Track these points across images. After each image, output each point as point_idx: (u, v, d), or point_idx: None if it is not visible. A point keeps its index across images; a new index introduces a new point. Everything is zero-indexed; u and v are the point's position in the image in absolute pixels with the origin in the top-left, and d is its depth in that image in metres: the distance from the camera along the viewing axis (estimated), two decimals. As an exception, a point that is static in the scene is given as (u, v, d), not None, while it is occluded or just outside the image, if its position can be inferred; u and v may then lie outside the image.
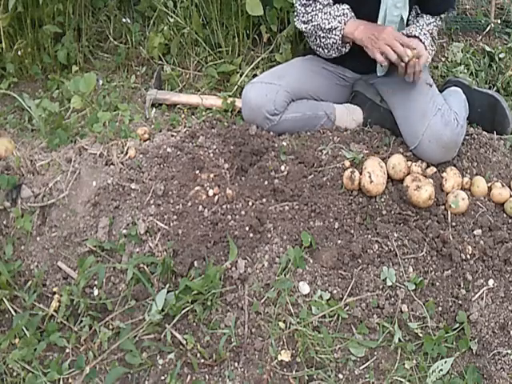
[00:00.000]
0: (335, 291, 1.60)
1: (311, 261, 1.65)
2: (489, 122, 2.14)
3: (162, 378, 1.47)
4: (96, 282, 1.60)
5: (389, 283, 1.62)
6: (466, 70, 2.42)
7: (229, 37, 2.34)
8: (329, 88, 2.10)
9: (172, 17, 2.27)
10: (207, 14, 2.31)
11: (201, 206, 1.73)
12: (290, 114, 1.98)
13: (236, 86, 2.23)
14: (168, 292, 1.54)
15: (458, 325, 1.60)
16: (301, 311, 1.56)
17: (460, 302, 1.64)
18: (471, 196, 1.84)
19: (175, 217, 1.70)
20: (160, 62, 2.34)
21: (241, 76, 2.28)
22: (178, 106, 2.19)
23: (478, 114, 2.13)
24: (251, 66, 2.29)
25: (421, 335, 1.57)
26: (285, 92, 1.95)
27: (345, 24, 1.88)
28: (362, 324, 1.57)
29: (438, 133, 1.83)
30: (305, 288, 1.60)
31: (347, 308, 1.58)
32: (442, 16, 2.07)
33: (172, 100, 2.19)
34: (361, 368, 1.52)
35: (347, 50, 1.96)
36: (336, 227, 1.72)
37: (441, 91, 2.08)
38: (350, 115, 2.06)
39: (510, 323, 1.65)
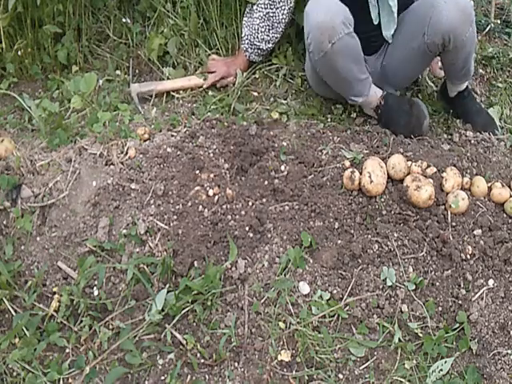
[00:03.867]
0: (335, 291, 1.60)
1: (311, 261, 1.65)
2: (477, 119, 2.17)
3: (162, 378, 1.47)
4: (96, 282, 1.60)
5: (389, 283, 1.62)
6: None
7: (228, 37, 2.34)
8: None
9: (171, 18, 2.27)
10: (207, 14, 2.31)
11: (201, 206, 1.73)
12: (356, 39, 1.88)
13: (235, 87, 2.23)
14: (168, 292, 1.54)
15: (458, 325, 1.60)
16: (301, 311, 1.56)
17: (460, 301, 1.64)
18: (471, 196, 1.84)
19: (175, 217, 1.70)
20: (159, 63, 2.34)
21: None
22: (178, 105, 2.19)
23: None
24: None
25: (421, 335, 1.57)
26: (350, 18, 1.84)
27: None
28: (362, 324, 1.57)
29: None
30: (305, 288, 1.60)
31: (347, 308, 1.58)
32: None
33: (158, 89, 2.19)
34: (361, 368, 1.52)
35: None
36: (336, 227, 1.72)
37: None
38: (376, 95, 2.04)
39: (510, 323, 1.65)
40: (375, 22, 1.99)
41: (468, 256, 1.70)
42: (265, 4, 2.15)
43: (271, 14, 2.15)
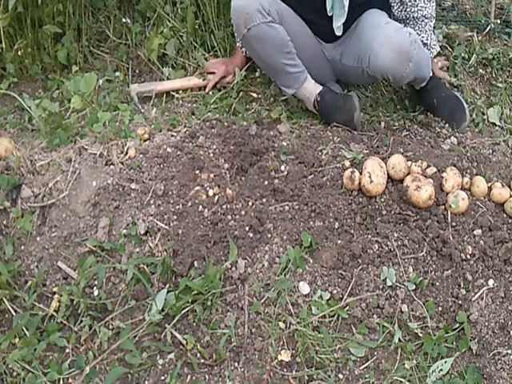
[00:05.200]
0: (335, 291, 1.60)
1: (311, 261, 1.65)
2: (447, 112, 2.16)
3: (162, 378, 1.47)
4: (96, 282, 1.60)
5: (389, 283, 1.62)
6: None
7: (226, 38, 2.34)
8: (309, 48, 2.10)
9: (169, 20, 2.27)
10: (205, 14, 2.31)
11: (201, 206, 1.73)
12: (280, 29, 1.93)
13: (233, 87, 2.23)
14: (168, 292, 1.54)
15: (458, 325, 1.60)
16: (301, 311, 1.56)
17: (460, 301, 1.64)
18: (471, 196, 1.84)
19: (175, 217, 1.70)
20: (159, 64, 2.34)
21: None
22: (178, 105, 2.19)
23: (441, 98, 2.18)
24: (248, 65, 2.29)
25: (421, 335, 1.57)
26: (277, 8, 1.93)
27: None
28: (362, 324, 1.57)
29: (389, 36, 1.84)
30: (305, 288, 1.60)
31: (347, 308, 1.58)
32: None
33: (157, 89, 2.19)
34: (361, 368, 1.52)
35: None
36: (336, 227, 1.72)
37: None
38: (314, 89, 2.06)
39: (510, 323, 1.65)
40: (329, 14, 1.97)
41: (468, 256, 1.70)
42: None
43: None
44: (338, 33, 2.00)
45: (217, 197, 1.76)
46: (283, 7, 2.00)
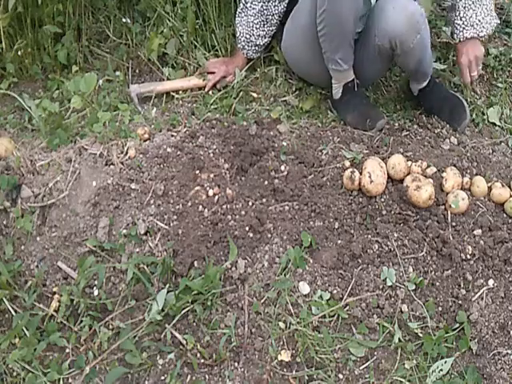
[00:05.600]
0: (335, 291, 1.60)
1: (311, 261, 1.65)
2: (447, 112, 2.15)
3: (162, 378, 1.47)
4: (96, 282, 1.60)
5: (389, 283, 1.62)
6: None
7: (227, 37, 2.34)
8: None
9: (169, 20, 2.27)
10: (205, 14, 2.31)
11: (201, 206, 1.73)
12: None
13: (234, 87, 2.23)
14: (168, 292, 1.54)
15: (458, 325, 1.60)
16: (301, 311, 1.56)
17: (460, 301, 1.64)
18: (471, 196, 1.84)
19: (175, 217, 1.70)
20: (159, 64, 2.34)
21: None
22: (178, 105, 2.19)
23: (440, 99, 2.16)
24: (249, 65, 2.29)
25: (421, 335, 1.57)
26: None
27: None
28: (362, 324, 1.57)
29: (402, 3, 1.86)
30: (305, 288, 1.60)
31: (347, 308, 1.58)
32: None
33: (157, 90, 2.19)
34: (361, 368, 1.52)
35: None
36: (336, 227, 1.72)
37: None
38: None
39: (510, 323, 1.65)
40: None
41: (468, 256, 1.70)
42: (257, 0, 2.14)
43: (265, 8, 2.15)
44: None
45: (217, 197, 1.76)
46: None
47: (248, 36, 2.19)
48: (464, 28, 2.08)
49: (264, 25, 2.18)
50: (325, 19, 1.90)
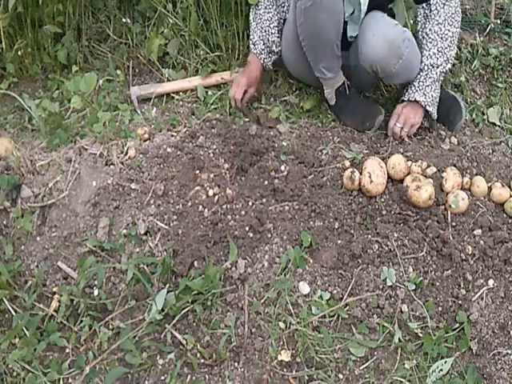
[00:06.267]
0: (335, 291, 1.60)
1: (311, 261, 1.65)
2: (444, 108, 2.09)
3: (162, 378, 1.47)
4: (96, 282, 1.60)
5: (389, 283, 1.62)
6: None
7: (228, 37, 2.33)
8: None
9: (171, 18, 2.27)
10: (207, 14, 2.31)
11: (201, 206, 1.73)
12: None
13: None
14: (168, 292, 1.54)
15: (458, 325, 1.60)
16: (301, 311, 1.56)
17: (460, 301, 1.64)
18: (471, 196, 1.84)
19: (175, 217, 1.70)
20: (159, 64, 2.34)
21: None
22: (178, 105, 2.19)
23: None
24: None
25: (421, 335, 1.57)
26: None
27: None
28: (362, 324, 1.57)
29: (383, 28, 1.85)
30: (305, 288, 1.60)
31: (347, 308, 1.58)
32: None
33: (157, 92, 2.19)
34: (361, 368, 1.52)
35: None
36: (336, 227, 1.72)
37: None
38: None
39: (510, 323, 1.65)
40: (346, 19, 1.94)
41: (468, 256, 1.70)
42: (271, 3, 2.11)
43: (277, 13, 2.13)
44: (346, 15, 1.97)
45: (217, 197, 1.76)
46: None
47: (266, 41, 2.13)
48: (416, 92, 1.99)
49: (278, 31, 2.14)
50: (303, 32, 1.92)
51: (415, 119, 1.98)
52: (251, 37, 2.15)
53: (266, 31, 2.13)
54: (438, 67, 1.96)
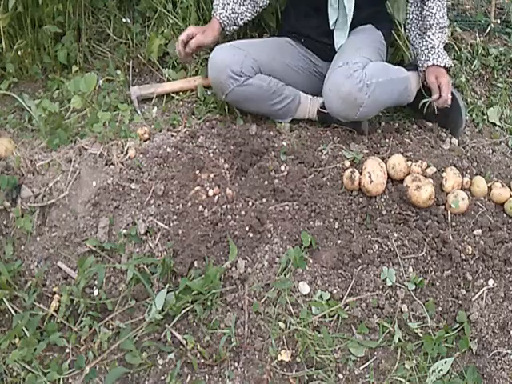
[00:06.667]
0: (335, 291, 1.60)
1: (311, 261, 1.65)
2: (444, 116, 2.07)
3: (162, 378, 1.47)
4: (96, 282, 1.60)
5: (389, 283, 1.62)
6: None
7: (228, 37, 2.33)
8: (299, 73, 2.09)
9: (171, 18, 2.27)
10: (207, 14, 2.31)
11: (201, 206, 1.73)
12: (257, 80, 1.95)
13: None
14: (168, 292, 1.54)
15: (458, 325, 1.61)
16: (301, 311, 1.56)
17: (460, 301, 1.64)
18: (471, 196, 1.84)
19: (175, 217, 1.70)
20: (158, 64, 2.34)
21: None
22: (178, 105, 2.19)
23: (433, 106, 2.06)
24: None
25: (421, 335, 1.57)
26: (252, 59, 1.94)
27: None
28: (362, 324, 1.57)
29: (337, 83, 1.83)
30: (305, 288, 1.60)
31: (347, 308, 1.58)
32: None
33: (157, 92, 2.19)
34: (361, 368, 1.52)
35: None
36: (336, 227, 1.72)
37: None
38: (312, 106, 2.05)
39: (510, 323, 1.65)
40: (331, 27, 1.94)
41: (468, 256, 1.70)
42: None
43: None
44: (331, 22, 1.98)
45: (217, 197, 1.76)
46: (260, 49, 2.00)
47: (230, 7, 2.04)
48: (439, 57, 2.01)
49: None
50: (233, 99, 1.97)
51: (449, 81, 1.99)
52: (214, 4, 2.05)
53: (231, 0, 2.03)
54: (446, 27, 2.02)
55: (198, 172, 1.81)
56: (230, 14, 2.03)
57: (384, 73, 1.91)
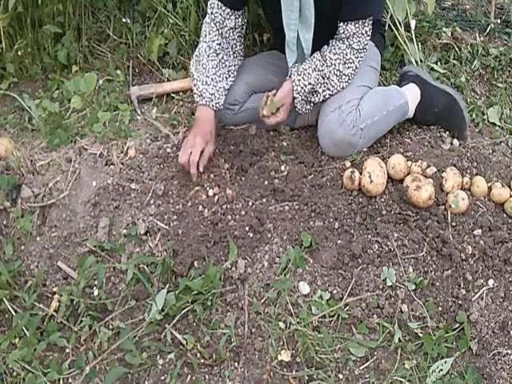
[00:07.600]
0: (335, 291, 1.60)
1: (311, 261, 1.65)
2: (446, 122, 2.05)
3: (162, 378, 1.47)
4: (96, 282, 1.60)
5: (389, 283, 1.62)
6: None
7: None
8: None
9: (171, 18, 2.27)
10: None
11: (201, 206, 1.73)
12: (251, 104, 1.96)
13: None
14: (168, 292, 1.54)
15: (458, 325, 1.60)
16: (301, 311, 1.56)
17: (460, 301, 1.64)
18: (471, 196, 1.84)
19: (175, 217, 1.70)
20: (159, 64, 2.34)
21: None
22: (178, 105, 2.19)
23: (435, 115, 2.04)
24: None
25: (421, 335, 1.57)
26: (243, 84, 1.95)
27: None
28: (362, 324, 1.57)
29: (330, 130, 1.83)
30: (305, 288, 1.60)
31: (347, 308, 1.58)
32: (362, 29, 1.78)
33: (157, 92, 2.19)
34: (361, 368, 1.52)
35: None
36: (336, 227, 1.72)
37: (398, 85, 2.07)
38: (311, 115, 2.03)
39: (510, 323, 1.65)
40: (289, 65, 1.87)
41: (468, 256, 1.70)
42: (214, 51, 1.88)
43: (224, 60, 1.91)
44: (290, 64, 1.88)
45: (217, 197, 1.76)
46: (248, 70, 1.99)
47: (210, 89, 1.87)
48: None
49: (227, 78, 1.93)
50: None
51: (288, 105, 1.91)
52: (194, 89, 1.88)
53: (212, 79, 1.86)
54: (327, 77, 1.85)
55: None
56: (222, 94, 1.90)
57: (381, 107, 1.89)
